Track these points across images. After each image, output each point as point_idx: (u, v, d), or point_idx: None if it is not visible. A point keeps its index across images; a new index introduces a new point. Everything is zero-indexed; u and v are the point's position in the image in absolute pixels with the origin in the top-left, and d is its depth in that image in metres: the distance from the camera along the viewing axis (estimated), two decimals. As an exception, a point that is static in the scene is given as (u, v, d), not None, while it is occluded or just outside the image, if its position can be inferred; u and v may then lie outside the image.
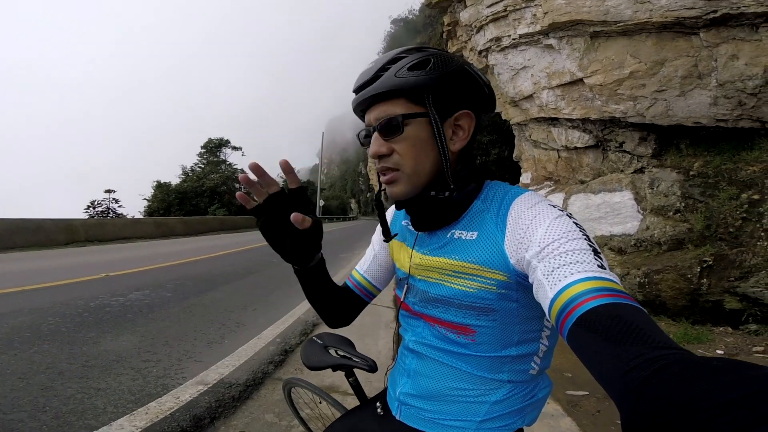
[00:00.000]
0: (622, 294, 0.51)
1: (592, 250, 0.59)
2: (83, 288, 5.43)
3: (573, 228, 0.63)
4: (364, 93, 0.77)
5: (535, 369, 0.79)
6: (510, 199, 0.74)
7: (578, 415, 2.47)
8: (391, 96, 0.76)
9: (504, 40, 6.84)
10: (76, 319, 3.99)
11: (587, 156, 6.55)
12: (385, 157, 0.77)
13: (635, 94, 4.97)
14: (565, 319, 0.53)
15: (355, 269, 1.09)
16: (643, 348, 0.42)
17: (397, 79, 0.74)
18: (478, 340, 0.75)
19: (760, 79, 4.01)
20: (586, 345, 0.49)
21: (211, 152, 37.64)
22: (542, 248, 0.62)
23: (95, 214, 28.61)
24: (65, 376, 2.74)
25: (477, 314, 0.74)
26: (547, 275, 0.59)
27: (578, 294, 0.53)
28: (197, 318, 4.25)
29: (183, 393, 2.51)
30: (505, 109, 8.05)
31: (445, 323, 0.79)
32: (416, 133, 0.75)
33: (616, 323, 0.47)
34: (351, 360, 1.11)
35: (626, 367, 0.41)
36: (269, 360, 3.16)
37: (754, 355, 3.18)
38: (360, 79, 0.79)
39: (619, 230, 5.06)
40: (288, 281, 6.54)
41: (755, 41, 4.00)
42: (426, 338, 0.83)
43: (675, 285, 4.01)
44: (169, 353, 3.24)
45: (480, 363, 0.76)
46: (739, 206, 3.93)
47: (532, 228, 0.66)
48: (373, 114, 0.78)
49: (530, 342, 0.77)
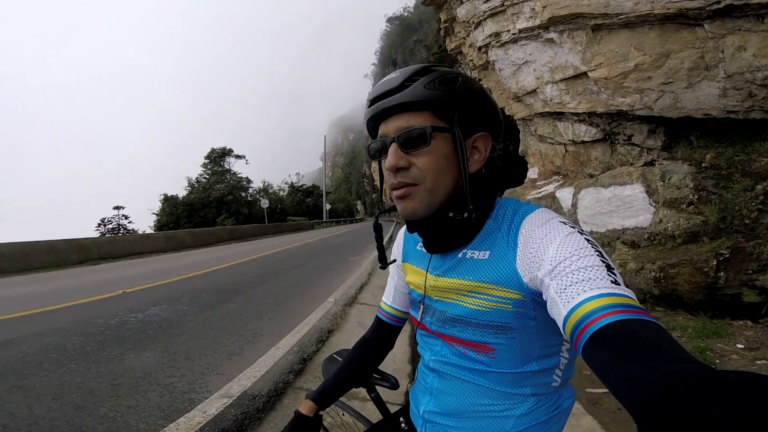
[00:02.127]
0: (636, 309, 0.51)
1: (605, 266, 0.59)
2: (102, 306, 5.53)
3: (585, 245, 0.63)
4: (390, 101, 0.75)
5: (558, 381, 0.79)
6: (520, 217, 0.74)
7: (599, 413, 2.48)
8: (417, 107, 0.75)
9: (503, 35, 6.79)
10: (99, 338, 4.06)
11: (595, 150, 6.50)
12: (403, 171, 0.75)
13: (642, 87, 4.91)
14: (579, 335, 0.53)
15: (383, 301, 1.11)
16: (658, 363, 0.42)
17: (428, 90, 0.74)
18: (498, 357, 0.76)
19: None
20: (602, 361, 0.49)
21: (215, 162, 37.93)
22: (554, 266, 0.62)
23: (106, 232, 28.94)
24: (96, 395, 2.80)
25: (495, 332, 0.74)
26: (560, 293, 0.59)
27: (592, 311, 0.53)
28: (215, 330, 4.30)
29: (209, 407, 2.55)
30: (509, 105, 8.02)
31: (464, 342, 0.79)
32: (440, 148, 0.75)
33: (630, 339, 0.47)
34: (372, 378, 1.14)
35: (642, 382, 0.42)
36: (289, 369, 3.19)
37: (775, 349, 3.13)
38: (382, 87, 0.78)
39: (632, 224, 5.02)
40: (299, 289, 6.58)
41: (762, 32, 3.92)
42: (446, 356, 0.84)
43: (691, 279, 3.98)
44: (192, 367, 3.29)
45: (502, 379, 0.77)
46: (754, 198, 3.87)
47: (544, 246, 0.66)
48: (393, 124, 0.76)
49: (551, 356, 0.77)
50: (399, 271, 1.05)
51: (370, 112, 0.80)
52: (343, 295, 5.89)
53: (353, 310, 5.17)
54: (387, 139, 0.77)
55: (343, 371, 1.06)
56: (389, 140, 0.77)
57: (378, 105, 0.77)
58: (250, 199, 37.21)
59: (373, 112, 0.79)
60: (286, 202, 46.07)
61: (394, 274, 1.08)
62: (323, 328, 4.28)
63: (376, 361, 1.10)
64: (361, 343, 1.11)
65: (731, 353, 3.15)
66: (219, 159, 38.05)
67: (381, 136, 0.79)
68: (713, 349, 3.23)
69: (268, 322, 4.64)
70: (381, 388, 1.16)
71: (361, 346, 1.11)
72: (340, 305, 5.23)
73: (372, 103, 0.80)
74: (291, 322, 4.51)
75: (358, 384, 1.10)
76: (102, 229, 29.29)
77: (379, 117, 0.79)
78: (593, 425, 2.35)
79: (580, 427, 2.34)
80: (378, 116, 0.79)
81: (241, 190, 36.81)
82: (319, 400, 1.00)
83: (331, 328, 4.33)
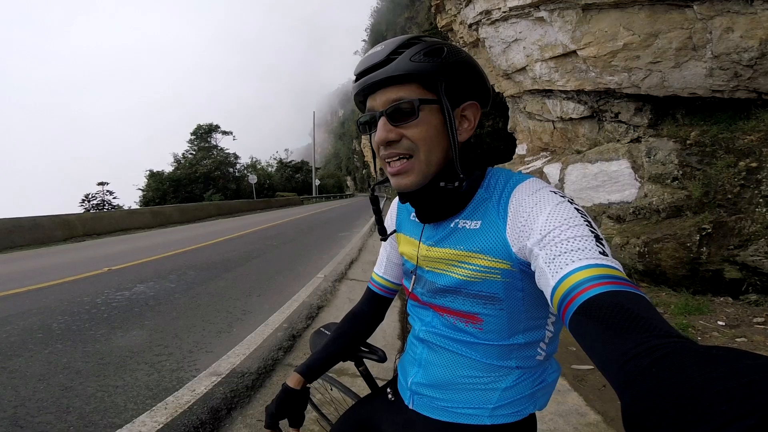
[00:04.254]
0: (623, 281, 0.51)
1: (594, 237, 0.59)
2: (87, 284, 5.48)
3: (574, 214, 0.63)
4: (376, 75, 0.74)
5: (542, 355, 0.80)
6: (511, 186, 0.74)
7: (584, 390, 2.52)
8: (404, 80, 0.74)
9: (494, 13, 6.72)
10: (84, 317, 4.04)
11: (583, 126, 6.53)
12: (394, 143, 0.75)
13: (630, 66, 4.94)
14: (566, 307, 0.53)
15: (374, 272, 1.11)
16: (643, 336, 0.42)
17: (413, 63, 0.73)
18: (486, 328, 0.77)
19: (756, 52, 4.00)
20: (587, 333, 0.49)
21: (202, 138, 37.25)
22: (543, 236, 0.62)
23: (91, 208, 28.48)
24: (83, 375, 2.79)
25: (484, 303, 0.75)
26: (549, 263, 0.59)
27: (580, 282, 0.52)
28: (203, 308, 4.29)
29: (198, 385, 2.55)
30: (498, 82, 7.97)
31: (454, 312, 0.80)
32: (429, 120, 0.75)
33: (617, 311, 0.46)
34: (360, 351, 1.13)
35: (626, 356, 0.41)
36: (278, 346, 3.21)
37: (755, 326, 3.21)
38: (367, 61, 0.77)
39: (617, 198, 5.09)
40: (289, 265, 6.57)
41: (750, 14, 3.97)
42: (435, 327, 0.85)
43: (675, 254, 4.06)
44: (180, 345, 3.29)
45: (488, 351, 0.78)
46: (737, 174, 3.93)
47: (533, 215, 0.66)
48: (381, 98, 0.76)
49: (536, 329, 0.78)
50: (392, 242, 1.05)
51: (356, 86, 0.79)
52: (333, 270, 5.91)
53: (343, 286, 5.19)
54: (376, 113, 0.77)
55: (331, 344, 1.05)
56: (378, 114, 0.76)
57: (364, 80, 0.76)
58: (237, 175, 36.81)
59: (359, 87, 0.78)
60: (274, 178, 45.67)
61: (386, 245, 1.08)
62: (313, 304, 4.29)
63: (366, 333, 1.10)
64: (351, 316, 1.10)
65: (712, 330, 3.23)
66: (206, 135, 37.39)
67: (369, 110, 0.79)
68: (695, 326, 3.31)
69: (257, 299, 4.64)
70: (369, 362, 1.15)
71: (351, 319, 1.10)
72: (329, 281, 5.24)
73: (358, 77, 0.79)
74: (280, 299, 4.52)
75: (347, 357, 1.10)
76: (86, 205, 28.87)
77: (366, 91, 0.78)
78: (579, 402, 2.40)
79: (565, 403, 2.38)
80: (365, 90, 0.78)
81: (229, 165, 36.33)
82: (307, 373, 0.99)
83: (321, 304, 4.35)
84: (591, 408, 2.33)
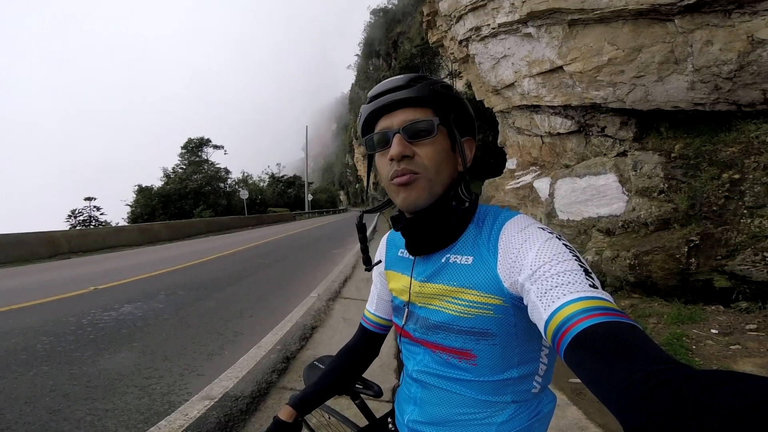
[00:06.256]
0: (615, 312, 0.52)
1: (583, 270, 0.61)
2: (73, 303, 5.37)
3: (563, 250, 0.65)
4: (398, 94, 0.80)
5: (537, 387, 0.81)
6: (500, 223, 0.77)
7: (583, 404, 2.52)
8: (422, 104, 0.81)
9: (483, 29, 6.86)
10: (70, 338, 3.96)
11: (570, 141, 6.63)
12: (408, 159, 0.79)
13: (614, 80, 5.04)
14: (561, 339, 0.54)
15: (366, 309, 1.12)
16: (640, 364, 0.43)
17: (433, 90, 0.81)
18: (480, 364, 0.77)
19: (734, 64, 4.10)
20: (584, 363, 0.50)
21: (192, 152, 36.86)
22: (534, 271, 0.64)
23: (77, 224, 28.09)
24: (71, 398, 2.74)
25: (477, 339, 0.76)
26: (541, 297, 0.60)
27: (572, 314, 0.54)
28: (193, 329, 4.22)
29: (191, 409, 2.50)
30: (488, 98, 8.09)
31: (447, 349, 0.80)
32: (441, 142, 0.81)
33: (611, 341, 0.48)
34: (356, 386, 1.14)
35: (625, 383, 0.42)
36: (272, 369, 3.15)
37: (748, 333, 3.23)
38: (388, 84, 0.83)
39: (606, 212, 5.15)
40: (281, 284, 6.51)
41: (728, 27, 4.08)
42: (428, 366, 0.85)
43: (664, 265, 4.11)
44: (170, 368, 3.23)
45: (483, 387, 0.78)
46: (720, 185, 4.01)
47: (523, 251, 0.68)
48: (399, 117, 0.81)
49: (530, 362, 0.79)
50: (382, 279, 1.06)
51: (375, 104, 0.83)
52: (327, 289, 5.84)
53: (337, 305, 5.13)
54: (390, 131, 0.81)
55: (325, 378, 1.05)
56: (393, 132, 0.80)
57: (385, 98, 0.82)
58: (228, 190, 36.46)
59: (377, 106, 0.83)
60: (266, 193, 45.40)
61: (377, 282, 1.09)
62: (306, 324, 4.22)
63: (360, 369, 1.10)
64: (345, 351, 1.11)
65: (706, 338, 3.25)
66: (196, 149, 37.03)
67: (383, 129, 0.83)
68: (689, 335, 3.33)
69: (249, 319, 4.57)
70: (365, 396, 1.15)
71: (345, 354, 1.10)
72: (323, 300, 5.17)
73: (374, 99, 0.84)
74: (273, 320, 4.45)
75: (341, 391, 1.10)
76: (72, 221, 28.46)
77: (381, 111, 0.83)
78: (578, 416, 2.39)
79: (565, 418, 2.37)
80: (380, 110, 0.83)
81: (220, 180, 36.03)
82: (300, 406, 0.99)
83: (315, 325, 4.28)
84: (591, 421, 2.33)
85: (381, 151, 0.83)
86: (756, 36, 3.94)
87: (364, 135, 0.89)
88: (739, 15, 4.01)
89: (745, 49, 4.01)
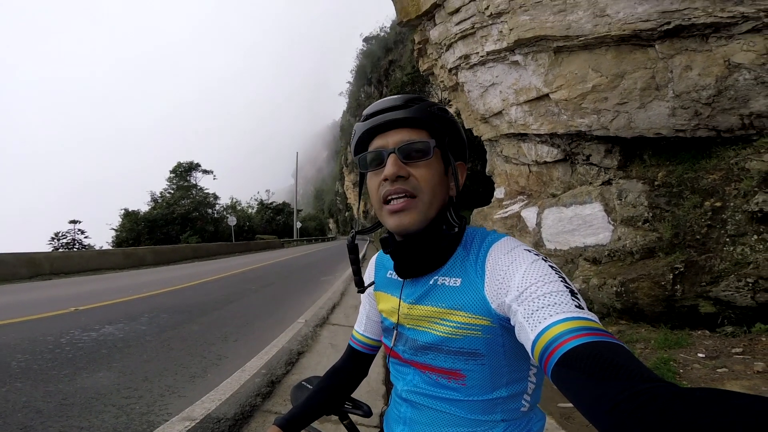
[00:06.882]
0: (601, 332, 0.53)
1: (569, 291, 0.62)
2: (51, 323, 5.26)
3: (549, 271, 0.66)
4: (395, 114, 0.80)
5: (526, 406, 0.80)
6: (487, 245, 0.78)
7: (572, 428, 2.51)
8: (418, 125, 0.81)
9: (473, 57, 7.00)
10: (47, 356, 3.86)
11: (557, 170, 6.73)
12: (401, 180, 0.78)
13: (598, 108, 5.15)
14: (548, 359, 0.54)
15: (355, 329, 1.12)
16: (626, 383, 0.44)
17: (429, 112, 0.81)
18: (469, 384, 0.77)
19: (713, 89, 4.21)
20: (570, 383, 0.50)
21: (181, 177, 36.47)
22: (521, 292, 0.64)
23: (60, 246, 27.57)
24: (44, 414, 2.67)
25: (466, 359, 0.76)
26: (528, 317, 0.61)
27: (559, 334, 0.54)
28: (176, 351, 4.14)
29: (170, 429, 2.44)
30: (476, 126, 8.21)
31: (436, 369, 0.80)
32: (435, 165, 0.81)
33: (597, 360, 0.48)
34: (344, 406, 1.12)
35: (611, 402, 0.42)
36: (256, 392, 3.09)
37: (734, 356, 3.27)
38: (384, 104, 0.83)
39: (593, 241, 5.22)
40: (268, 309, 6.42)
41: (706, 51, 4.22)
42: (418, 386, 0.85)
43: (650, 292, 4.14)
44: (151, 389, 3.16)
45: (472, 406, 0.78)
46: (703, 214, 4.10)
47: (510, 273, 0.69)
48: (395, 137, 0.81)
49: (519, 381, 0.78)
50: (371, 300, 1.05)
51: (368, 124, 0.83)
52: (314, 315, 5.77)
53: (325, 331, 5.06)
54: (385, 151, 0.80)
55: (313, 399, 1.03)
56: (387, 151, 0.80)
57: (381, 117, 0.81)
58: (216, 216, 36.13)
59: (372, 124, 0.82)
60: (255, 220, 45.15)
61: (366, 303, 1.09)
62: (293, 349, 4.15)
63: (349, 389, 1.09)
64: (333, 371, 1.10)
65: (693, 362, 3.28)
66: (185, 173, 36.65)
67: (380, 147, 0.82)
68: (676, 359, 3.35)
69: (234, 344, 4.50)
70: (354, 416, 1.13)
71: (333, 374, 1.09)
72: (310, 326, 5.10)
73: (370, 117, 0.83)
74: (258, 344, 4.38)
75: (330, 411, 1.07)
76: (55, 243, 27.94)
77: (376, 130, 0.83)
78: (567, 440, 2.36)
79: (553, 442, 2.34)
80: (375, 129, 0.83)
81: (208, 206, 35.71)
82: (287, 426, 0.96)
83: (302, 350, 4.21)
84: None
85: (374, 170, 0.83)
86: (732, 60, 4.07)
87: (357, 153, 0.89)
88: (716, 39, 4.16)
89: (723, 73, 4.14)
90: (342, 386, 1.08)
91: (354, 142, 0.88)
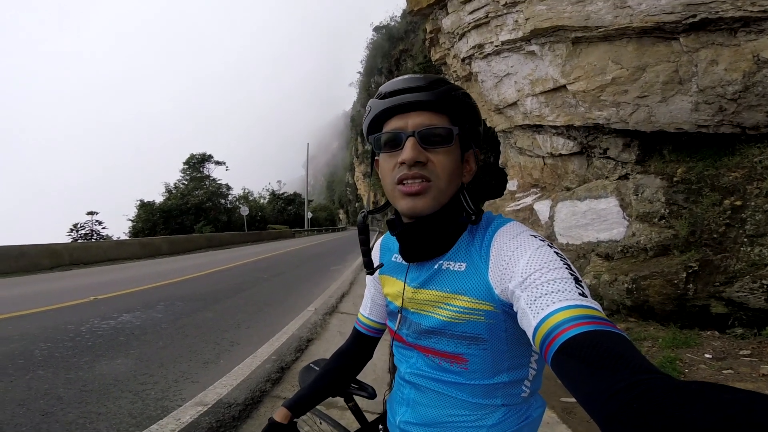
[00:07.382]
0: (603, 321, 0.53)
1: (574, 279, 0.61)
2: (72, 312, 5.40)
3: (554, 258, 0.65)
4: (417, 96, 0.77)
5: (527, 392, 0.81)
6: (493, 230, 0.77)
7: (573, 423, 2.52)
8: (439, 109, 0.78)
9: (486, 47, 6.84)
10: (68, 344, 3.97)
11: (572, 163, 6.61)
12: (421, 165, 0.76)
13: (618, 100, 5.00)
14: (548, 346, 0.54)
15: (360, 313, 1.12)
16: (624, 373, 0.44)
17: (453, 97, 0.78)
18: (471, 368, 0.78)
19: (739, 85, 4.04)
20: (570, 371, 0.50)
21: (194, 168, 37.06)
22: (525, 278, 0.64)
23: (79, 237, 28.17)
24: (64, 401, 2.75)
25: (468, 343, 0.76)
26: (530, 304, 0.60)
27: (561, 322, 0.54)
28: (191, 338, 4.24)
29: (183, 414, 2.51)
30: (490, 117, 8.10)
31: (439, 353, 0.81)
32: (454, 152, 0.79)
33: (597, 350, 0.48)
34: (350, 387, 1.14)
35: (608, 392, 0.43)
36: (266, 378, 3.17)
37: (741, 358, 3.22)
38: (406, 82, 0.79)
39: (606, 237, 5.15)
40: (279, 298, 6.51)
41: (734, 46, 4.04)
42: (421, 369, 0.86)
43: (662, 290, 4.09)
44: (166, 375, 3.25)
45: (474, 390, 0.79)
46: (722, 212, 4.00)
47: (515, 259, 0.68)
48: (415, 119, 0.77)
49: (520, 368, 0.79)
50: (376, 284, 1.06)
51: (386, 103, 0.80)
52: (324, 304, 5.86)
53: (334, 319, 5.14)
54: (403, 133, 0.77)
55: (320, 380, 1.05)
56: (406, 134, 0.77)
57: (402, 97, 0.78)
58: (229, 206, 36.57)
59: (391, 104, 0.79)
60: (266, 210, 45.53)
61: (370, 286, 1.09)
62: (302, 337, 4.24)
63: (355, 371, 1.10)
64: (339, 353, 1.11)
65: (699, 363, 3.24)
66: (198, 165, 37.21)
67: (398, 129, 0.79)
68: (682, 359, 3.32)
69: (246, 330, 4.59)
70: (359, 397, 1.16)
71: (339, 356, 1.10)
72: (320, 314, 5.19)
73: (389, 95, 0.80)
74: (269, 331, 4.47)
75: (336, 393, 1.09)
76: (74, 234, 28.56)
77: (398, 109, 0.79)
78: (567, 434, 2.36)
79: (554, 436, 2.35)
80: (399, 108, 0.79)
81: (221, 197, 36.17)
82: (294, 407, 0.99)
83: (311, 337, 4.29)
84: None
85: (389, 152, 0.80)
86: (762, 56, 3.89)
87: (371, 131, 0.86)
88: (745, 33, 3.97)
89: (750, 69, 3.96)
90: (348, 368, 1.09)
91: (369, 119, 0.85)
